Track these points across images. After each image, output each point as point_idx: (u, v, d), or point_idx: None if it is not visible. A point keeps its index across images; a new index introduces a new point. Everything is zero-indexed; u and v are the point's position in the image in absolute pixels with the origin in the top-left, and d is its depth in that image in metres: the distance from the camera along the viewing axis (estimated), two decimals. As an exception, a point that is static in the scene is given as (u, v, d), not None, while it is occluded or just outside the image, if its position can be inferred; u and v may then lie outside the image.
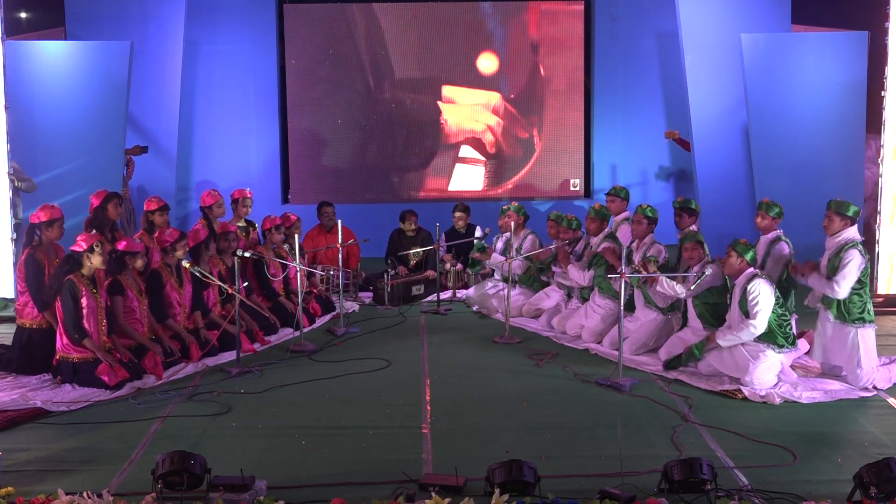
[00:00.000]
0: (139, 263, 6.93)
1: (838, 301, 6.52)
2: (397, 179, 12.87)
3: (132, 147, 10.65)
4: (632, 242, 7.84)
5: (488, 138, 12.80)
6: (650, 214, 7.65)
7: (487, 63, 12.70)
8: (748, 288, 6.38)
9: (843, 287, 6.41)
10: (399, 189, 12.87)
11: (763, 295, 6.33)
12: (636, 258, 7.56)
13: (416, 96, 12.70)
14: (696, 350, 6.69)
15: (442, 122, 12.75)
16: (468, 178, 12.87)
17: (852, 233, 6.57)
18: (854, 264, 6.39)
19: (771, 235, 7.32)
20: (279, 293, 8.51)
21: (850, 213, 6.56)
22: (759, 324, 6.34)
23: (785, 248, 7.18)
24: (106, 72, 9.64)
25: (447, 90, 12.70)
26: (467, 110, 12.74)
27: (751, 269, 6.51)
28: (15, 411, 5.94)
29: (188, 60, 11.31)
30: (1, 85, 8.88)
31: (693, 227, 7.69)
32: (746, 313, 6.40)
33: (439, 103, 12.71)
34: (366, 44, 12.60)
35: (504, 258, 8.55)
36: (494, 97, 12.73)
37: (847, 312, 6.52)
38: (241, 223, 8.96)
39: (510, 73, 12.73)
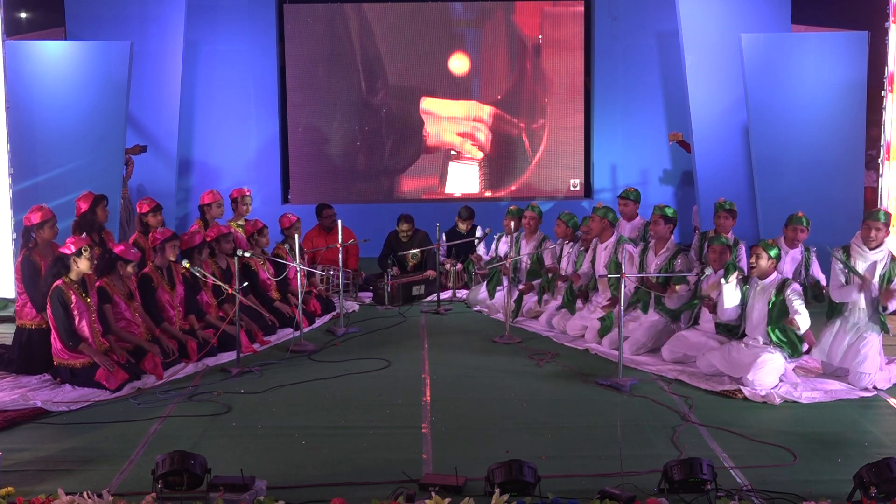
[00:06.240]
0: (129, 270, 6.85)
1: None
2: (397, 179, 12.86)
3: (132, 146, 10.65)
4: (648, 243, 7.74)
5: (489, 139, 12.79)
6: (669, 214, 7.56)
7: (488, 63, 12.70)
8: (788, 294, 6.37)
9: None
10: (399, 189, 12.86)
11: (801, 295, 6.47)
12: (654, 263, 7.50)
13: (418, 96, 12.69)
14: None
15: (441, 122, 12.74)
16: (467, 178, 12.86)
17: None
18: None
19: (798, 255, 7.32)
20: (273, 298, 8.48)
21: (884, 220, 6.55)
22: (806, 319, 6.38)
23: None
24: (106, 72, 9.62)
25: (448, 90, 12.69)
26: (466, 110, 12.74)
27: (778, 275, 6.52)
28: (15, 411, 5.93)
29: (188, 60, 11.30)
30: (1, 85, 8.89)
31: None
32: (776, 317, 6.40)
33: (441, 103, 12.70)
34: (366, 43, 12.59)
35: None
36: (496, 97, 12.73)
37: (883, 318, 6.59)
38: (241, 221, 8.96)
39: (510, 74, 12.73)
